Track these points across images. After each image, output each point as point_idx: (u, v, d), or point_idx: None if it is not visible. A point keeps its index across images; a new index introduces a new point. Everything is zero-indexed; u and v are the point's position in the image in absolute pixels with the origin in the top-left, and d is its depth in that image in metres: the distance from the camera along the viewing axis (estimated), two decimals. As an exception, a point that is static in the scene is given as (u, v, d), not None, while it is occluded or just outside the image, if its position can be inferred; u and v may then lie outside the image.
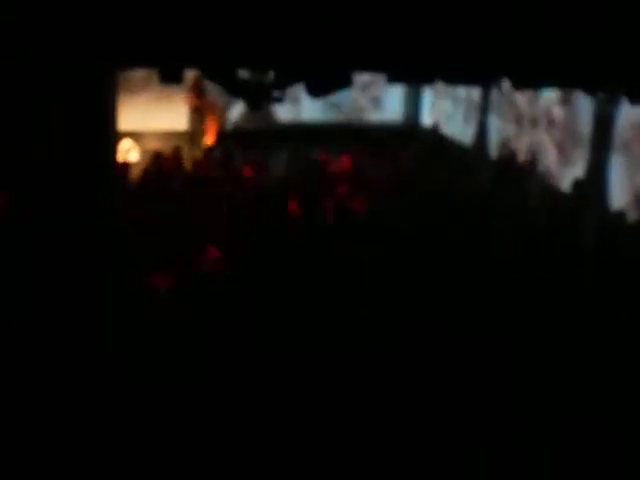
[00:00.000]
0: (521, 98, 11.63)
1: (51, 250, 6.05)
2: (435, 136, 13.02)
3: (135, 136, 10.89)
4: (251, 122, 13.69)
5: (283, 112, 13.65)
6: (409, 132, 14.26)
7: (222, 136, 12.45)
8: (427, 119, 14.69)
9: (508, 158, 11.28)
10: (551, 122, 11.08)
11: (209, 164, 10.51)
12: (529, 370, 5.97)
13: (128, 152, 10.38)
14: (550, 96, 10.99)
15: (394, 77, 6.93)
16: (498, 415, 5.61)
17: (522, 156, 11.39)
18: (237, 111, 13.60)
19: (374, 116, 14.67)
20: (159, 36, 5.98)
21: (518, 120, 11.95)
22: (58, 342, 5.64)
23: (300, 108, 13.65)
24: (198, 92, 11.89)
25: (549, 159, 11.01)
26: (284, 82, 7.05)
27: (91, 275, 6.08)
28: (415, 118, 14.95)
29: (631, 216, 8.70)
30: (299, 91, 7.19)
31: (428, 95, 14.67)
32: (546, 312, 6.61)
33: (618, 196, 9.34)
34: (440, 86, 12.66)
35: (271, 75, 6.87)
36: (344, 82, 7.21)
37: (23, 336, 5.64)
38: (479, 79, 8.26)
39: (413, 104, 14.94)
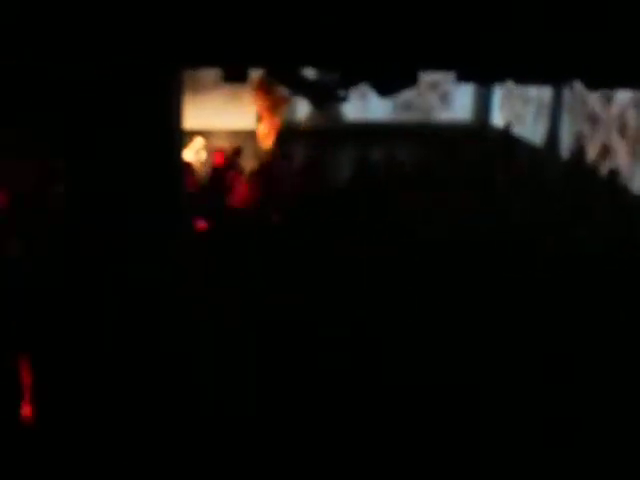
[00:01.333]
0: (594, 99, 11.36)
1: (116, 250, 6.12)
2: (505, 136, 12.79)
3: (204, 134, 10.96)
4: (318, 121, 13.69)
5: (351, 111, 13.60)
6: (479, 131, 14.06)
7: (288, 135, 12.46)
8: (497, 118, 14.49)
9: (579, 158, 11.02)
10: (624, 125, 10.81)
11: (273, 162, 10.50)
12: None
13: (200, 150, 10.44)
14: (624, 98, 10.73)
15: (463, 76, 6.82)
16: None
17: (593, 156, 11.15)
18: (304, 110, 13.61)
19: (443, 115, 14.51)
20: (224, 36, 6.00)
21: (590, 121, 11.68)
22: (149, 343, 5.69)
23: (368, 107, 13.58)
24: (265, 91, 11.91)
25: (620, 160, 10.75)
26: (349, 81, 7.01)
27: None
28: (485, 117, 14.74)
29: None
30: (367, 89, 7.14)
31: (498, 94, 14.49)
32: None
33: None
34: (511, 85, 12.43)
35: (336, 74, 6.85)
36: (410, 81, 7.14)
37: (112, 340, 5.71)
38: (550, 79, 8.11)
39: (483, 103, 14.73)
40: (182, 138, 6.94)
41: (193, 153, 9.80)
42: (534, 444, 5.27)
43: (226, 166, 9.23)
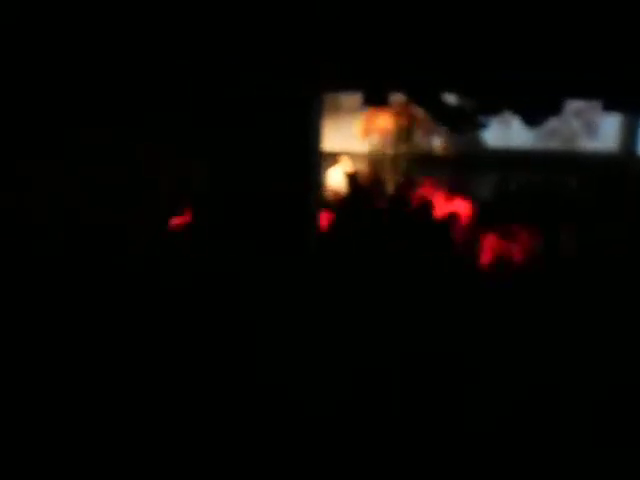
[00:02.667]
0: None
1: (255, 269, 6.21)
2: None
3: (338, 156, 11.05)
4: (457, 147, 13.54)
5: (492, 137, 13.39)
6: (625, 162, 13.53)
7: (425, 160, 12.39)
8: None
9: None
10: None
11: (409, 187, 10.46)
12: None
13: (345, 170, 10.53)
14: None
15: (610, 105, 6.59)
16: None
17: None
18: (443, 135, 13.50)
19: (588, 144, 14.05)
20: (367, 59, 6.05)
21: None
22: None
23: (510, 133, 13.32)
24: (405, 115, 11.92)
25: None
26: (490, 108, 6.90)
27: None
28: (632, 148, 14.16)
29: None
30: (510, 116, 7.02)
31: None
32: None
33: None
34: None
35: (476, 101, 6.75)
36: (556, 110, 6.96)
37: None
38: None
39: (631, 133, 14.17)
40: (321, 158, 7.00)
41: (339, 173, 9.90)
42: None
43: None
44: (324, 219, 7.81)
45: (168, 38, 5.99)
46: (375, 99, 6.98)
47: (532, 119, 6.91)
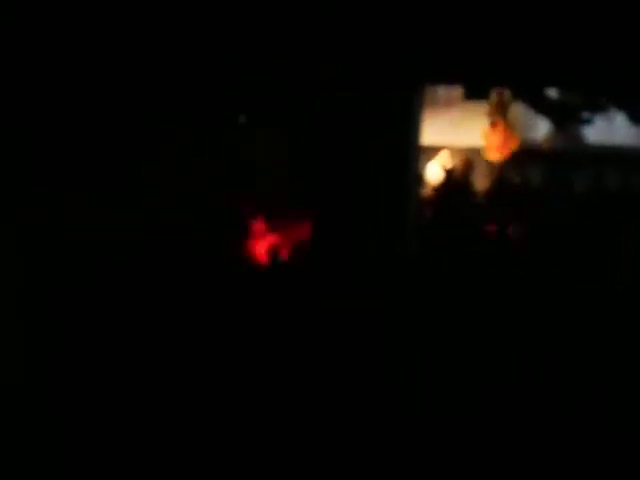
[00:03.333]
0: None
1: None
2: None
3: (437, 150, 10.97)
4: (556, 142, 13.26)
5: (593, 133, 13.06)
6: None
7: (522, 155, 12.18)
8: None
9: None
10: None
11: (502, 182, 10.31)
12: None
13: (446, 164, 10.44)
14: None
15: None
16: None
17: None
18: (542, 131, 13.23)
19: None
20: (470, 53, 6.00)
21: None
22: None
23: (612, 129, 12.97)
24: (501, 109, 11.73)
25: None
26: (596, 104, 6.77)
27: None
28: None
29: None
30: (614, 112, 6.87)
31: None
32: None
33: None
34: None
35: (580, 96, 6.64)
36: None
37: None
38: None
39: None
40: (419, 154, 6.99)
41: (439, 166, 9.82)
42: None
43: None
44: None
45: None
46: (476, 92, 6.92)
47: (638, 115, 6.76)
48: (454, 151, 11.59)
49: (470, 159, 10.35)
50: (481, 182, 10.42)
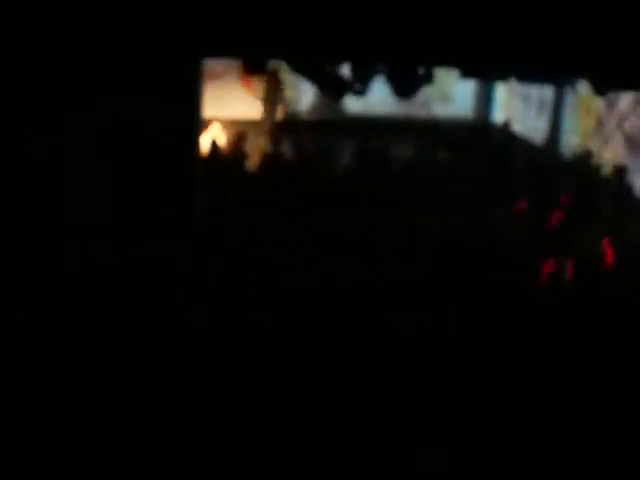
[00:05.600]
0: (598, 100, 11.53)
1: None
2: (506, 134, 12.91)
3: (209, 123, 11.00)
4: (320, 113, 13.75)
5: (353, 103, 13.64)
6: (480, 128, 14.16)
7: (290, 126, 12.53)
8: (498, 115, 14.61)
9: (581, 158, 11.14)
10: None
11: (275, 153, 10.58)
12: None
13: (217, 135, 10.42)
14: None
15: (467, 73, 6.93)
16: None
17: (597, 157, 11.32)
18: (306, 102, 13.69)
19: (444, 110, 14.60)
20: (247, 27, 6.06)
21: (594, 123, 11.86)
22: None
23: (370, 99, 13.64)
24: (273, 83, 12.05)
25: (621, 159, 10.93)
26: (366, 76, 7.09)
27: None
28: (486, 114, 14.85)
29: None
30: (370, 83, 7.23)
31: (500, 90, 14.60)
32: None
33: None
34: (513, 83, 12.57)
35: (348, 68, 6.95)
36: (428, 78, 7.24)
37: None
38: (553, 78, 8.20)
39: (484, 100, 14.83)
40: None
41: (210, 139, 9.82)
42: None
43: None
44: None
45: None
46: (254, 66, 7.01)
47: (405, 88, 7.15)
48: (225, 123, 11.68)
49: (242, 132, 10.49)
50: (253, 154, 10.60)
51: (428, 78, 7.20)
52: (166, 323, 5.72)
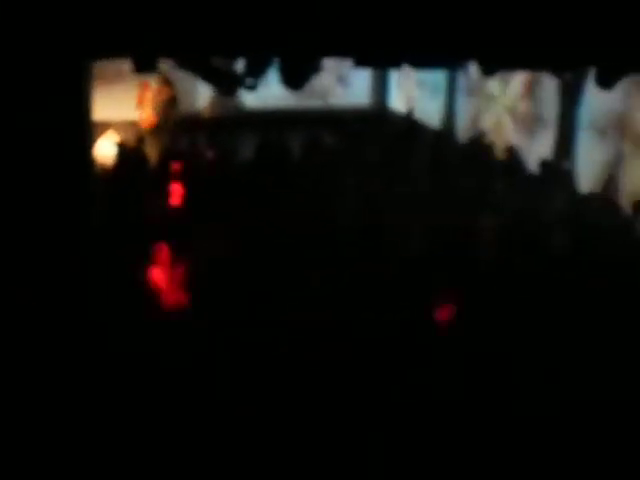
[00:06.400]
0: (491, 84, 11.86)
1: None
2: (405, 119, 13.11)
3: (106, 126, 10.82)
4: (218, 109, 13.68)
5: (250, 98, 13.61)
6: (378, 115, 14.34)
7: (188, 124, 12.44)
8: (395, 101, 14.82)
9: (476, 139, 11.43)
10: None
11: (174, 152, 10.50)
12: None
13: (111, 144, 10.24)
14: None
15: (361, 61, 7.01)
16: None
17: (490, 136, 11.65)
18: (204, 98, 13.60)
19: (341, 99, 14.71)
20: (133, 26, 5.98)
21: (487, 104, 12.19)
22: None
23: (267, 93, 13.61)
24: (164, 82, 11.94)
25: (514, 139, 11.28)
26: (256, 70, 7.09)
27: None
28: (383, 100, 15.05)
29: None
30: (266, 76, 7.23)
31: (395, 77, 14.79)
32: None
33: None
34: (407, 68, 12.75)
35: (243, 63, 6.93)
36: (315, 68, 7.28)
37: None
38: (445, 63, 8.38)
39: (380, 87, 15.02)
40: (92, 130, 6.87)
41: (111, 143, 9.66)
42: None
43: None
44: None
45: None
46: (144, 65, 6.92)
47: (293, 80, 7.18)
48: (123, 126, 11.52)
49: (142, 133, 10.38)
50: (153, 154, 10.49)
51: (317, 68, 7.25)
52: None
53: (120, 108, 12.05)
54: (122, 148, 9.39)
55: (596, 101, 9.56)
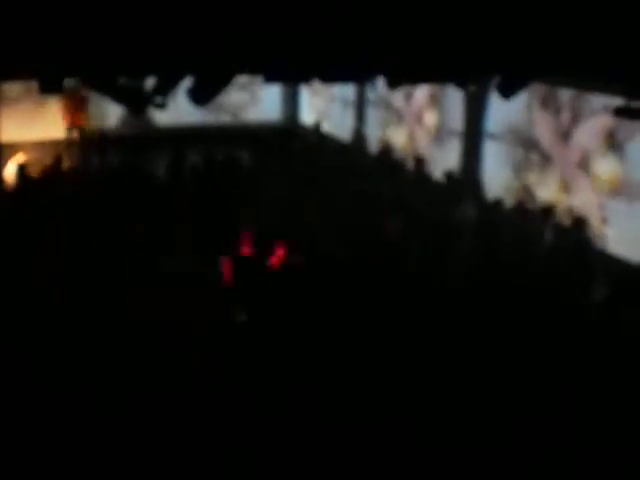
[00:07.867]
0: (397, 97, 12.12)
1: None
2: (315, 133, 13.27)
3: (10, 147, 10.67)
4: (130, 127, 13.59)
5: (162, 115, 13.55)
6: (289, 130, 14.47)
7: (100, 142, 12.35)
8: (306, 116, 14.98)
9: (385, 151, 11.65)
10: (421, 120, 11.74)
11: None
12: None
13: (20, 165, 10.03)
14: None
15: (271, 77, 7.08)
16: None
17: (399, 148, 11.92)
18: (115, 117, 13.50)
19: (253, 114, 14.80)
20: (38, 47, 5.93)
21: (394, 116, 12.45)
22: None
23: (179, 110, 13.57)
24: (78, 102, 11.87)
25: (422, 149, 11.57)
26: (164, 88, 7.08)
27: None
28: (294, 115, 15.21)
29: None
30: (178, 93, 7.22)
31: (306, 92, 14.99)
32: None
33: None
34: (317, 84, 12.94)
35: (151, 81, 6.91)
36: (223, 84, 7.31)
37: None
38: (352, 77, 8.54)
39: (291, 102, 15.18)
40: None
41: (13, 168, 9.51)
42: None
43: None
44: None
45: None
46: (50, 86, 6.86)
47: (202, 97, 7.19)
48: (27, 146, 11.35)
49: (59, 152, 10.23)
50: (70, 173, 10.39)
51: (224, 85, 7.29)
52: None
53: (25, 128, 11.92)
54: (22, 168, 9.28)
55: (500, 113, 9.89)
